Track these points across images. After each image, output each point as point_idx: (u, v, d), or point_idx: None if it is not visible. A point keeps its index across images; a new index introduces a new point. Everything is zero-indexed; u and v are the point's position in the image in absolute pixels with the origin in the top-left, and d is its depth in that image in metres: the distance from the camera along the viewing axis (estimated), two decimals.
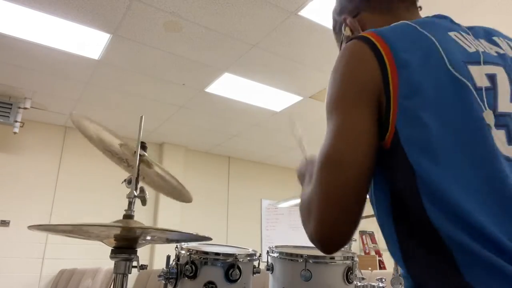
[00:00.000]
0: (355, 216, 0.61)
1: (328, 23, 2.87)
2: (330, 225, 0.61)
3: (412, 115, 0.60)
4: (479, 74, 0.64)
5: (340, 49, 0.94)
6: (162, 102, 4.27)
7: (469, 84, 0.62)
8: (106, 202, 4.76)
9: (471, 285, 0.52)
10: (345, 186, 0.60)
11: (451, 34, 0.70)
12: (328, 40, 3.05)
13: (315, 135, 5.01)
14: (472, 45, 0.69)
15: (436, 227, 0.55)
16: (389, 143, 0.62)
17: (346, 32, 0.89)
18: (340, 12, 0.94)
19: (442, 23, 0.72)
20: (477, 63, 0.65)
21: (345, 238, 0.62)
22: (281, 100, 4.15)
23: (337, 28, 0.97)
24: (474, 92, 0.62)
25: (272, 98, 4.11)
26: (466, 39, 0.70)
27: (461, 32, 0.71)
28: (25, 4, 2.72)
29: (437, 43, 0.66)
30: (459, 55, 0.65)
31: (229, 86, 3.90)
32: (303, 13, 2.76)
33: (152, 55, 3.35)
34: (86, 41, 3.16)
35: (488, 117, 0.60)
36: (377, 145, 0.63)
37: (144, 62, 3.48)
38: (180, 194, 1.52)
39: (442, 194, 0.56)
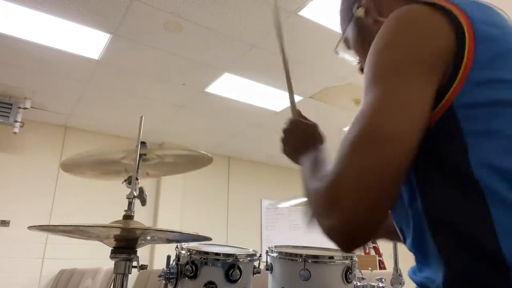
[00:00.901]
0: (390, 204, 0.53)
1: (328, 23, 2.87)
2: (363, 214, 0.51)
3: (480, 97, 0.55)
4: None
5: (346, 29, 0.86)
6: (162, 102, 4.27)
7: None
8: (106, 202, 4.76)
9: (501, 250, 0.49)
10: (388, 167, 0.51)
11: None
12: (328, 40, 3.05)
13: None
14: None
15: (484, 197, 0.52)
16: (437, 119, 0.56)
17: (359, 12, 0.80)
18: None
19: (500, 10, 0.68)
20: None
21: (374, 231, 0.53)
22: (281, 100, 4.15)
23: (345, 8, 0.86)
24: None
25: (272, 98, 4.11)
26: None
27: None
28: (25, 4, 2.72)
29: None
30: None
31: (229, 86, 3.90)
32: (303, 13, 2.76)
33: (152, 55, 3.35)
34: (86, 41, 3.17)
35: None
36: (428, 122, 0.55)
37: (144, 62, 3.48)
38: (198, 160, 1.52)
39: (498, 170, 0.52)
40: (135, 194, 1.21)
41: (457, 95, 0.55)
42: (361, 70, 0.89)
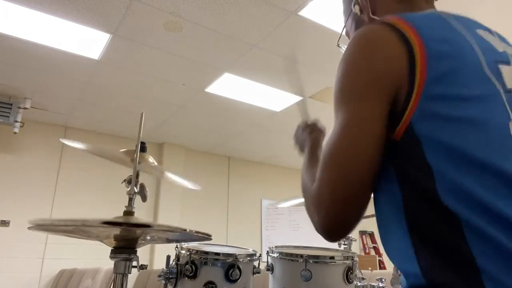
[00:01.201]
0: (361, 210, 0.63)
1: (328, 23, 2.87)
2: (337, 221, 0.62)
3: (436, 113, 0.58)
4: (509, 74, 0.63)
5: (346, 23, 0.91)
6: (162, 102, 4.27)
7: (500, 88, 0.61)
8: (106, 202, 4.76)
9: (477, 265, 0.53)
10: (351, 184, 0.61)
11: (479, 31, 0.68)
12: (328, 40, 3.05)
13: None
14: (498, 45, 0.68)
15: (452, 212, 0.55)
16: (400, 135, 0.60)
17: (355, 9, 0.85)
18: None
19: (466, 19, 0.70)
20: (507, 63, 0.65)
21: (350, 229, 0.64)
22: (281, 100, 4.15)
23: (347, 2, 0.91)
24: (504, 96, 0.61)
25: (272, 98, 4.11)
26: (493, 37, 0.69)
27: (485, 30, 0.70)
28: (25, 4, 2.72)
29: (470, 42, 0.64)
30: (491, 54, 0.64)
31: (229, 86, 3.89)
32: (303, 13, 2.76)
33: (152, 55, 3.35)
34: (86, 41, 3.16)
35: None
36: (384, 139, 0.62)
37: (144, 62, 3.48)
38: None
39: (460, 190, 0.55)
40: (136, 190, 1.20)
41: (414, 111, 0.59)
42: None
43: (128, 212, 1.19)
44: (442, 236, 0.56)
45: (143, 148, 1.38)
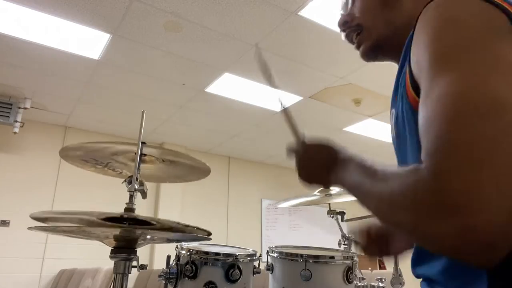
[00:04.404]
0: None
1: (328, 23, 2.87)
2: (501, 232, 0.40)
3: None
4: None
5: None
6: (162, 102, 4.27)
7: None
8: (106, 203, 4.76)
9: None
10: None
11: None
12: (328, 40, 3.05)
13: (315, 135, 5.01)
14: None
15: None
16: None
17: None
18: None
19: None
20: None
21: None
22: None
23: None
24: None
25: (272, 98, 4.11)
26: None
27: None
28: (25, 4, 2.72)
29: None
30: None
31: (229, 86, 3.90)
32: (303, 13, 2.76)
33: (152, 55, 3.35)
34: (86, 41, 3.16)
35: None
36: None
37: (144, 62, 3.48)
38: (196, 170, 1.47)
39: None
40: (136, 187, 1.21)
41: None
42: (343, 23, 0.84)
43: (129, 209, 1.19)
44: None
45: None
